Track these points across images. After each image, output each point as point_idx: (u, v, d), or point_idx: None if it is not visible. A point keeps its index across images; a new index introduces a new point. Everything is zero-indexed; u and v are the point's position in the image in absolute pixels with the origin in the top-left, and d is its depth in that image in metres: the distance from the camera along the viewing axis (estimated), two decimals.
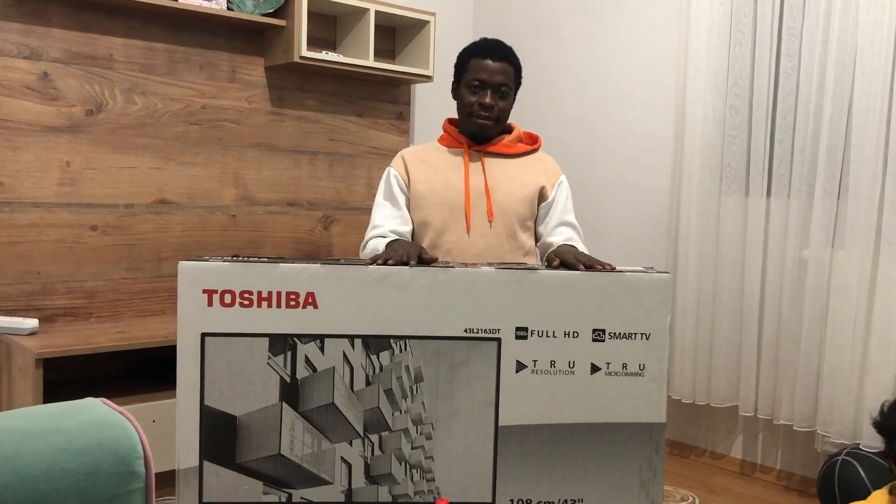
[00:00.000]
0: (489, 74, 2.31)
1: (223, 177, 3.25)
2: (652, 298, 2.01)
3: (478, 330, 2.01)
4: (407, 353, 2.01)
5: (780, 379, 2.96)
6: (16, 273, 2.77)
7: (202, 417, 1.93)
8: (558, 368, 2.03)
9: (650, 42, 3.42)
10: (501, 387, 2.01)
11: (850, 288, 2.74)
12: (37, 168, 2.79)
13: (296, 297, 1.95)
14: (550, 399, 2.03)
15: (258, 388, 1.96)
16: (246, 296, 1.93)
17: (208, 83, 3.18)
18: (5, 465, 1.01)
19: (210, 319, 1.92)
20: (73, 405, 1.19)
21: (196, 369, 1.92)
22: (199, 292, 1.92)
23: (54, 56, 2.81)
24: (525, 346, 2.02)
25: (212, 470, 1.94)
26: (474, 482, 2.03)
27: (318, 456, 1.99)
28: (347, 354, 2.00)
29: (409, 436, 2.02)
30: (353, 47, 3.44)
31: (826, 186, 2.80)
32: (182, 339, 1.92)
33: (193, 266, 1.90)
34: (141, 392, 2.74)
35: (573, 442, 2.04)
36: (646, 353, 2.04)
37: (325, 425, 1.99)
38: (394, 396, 2.03)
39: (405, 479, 2.01)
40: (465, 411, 2.02)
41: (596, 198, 3.62)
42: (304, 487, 1.98)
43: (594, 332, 2.03)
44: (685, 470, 3.20)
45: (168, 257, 3.12)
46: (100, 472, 1.09)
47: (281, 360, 1.97)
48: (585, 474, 2.04)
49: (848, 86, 2.75)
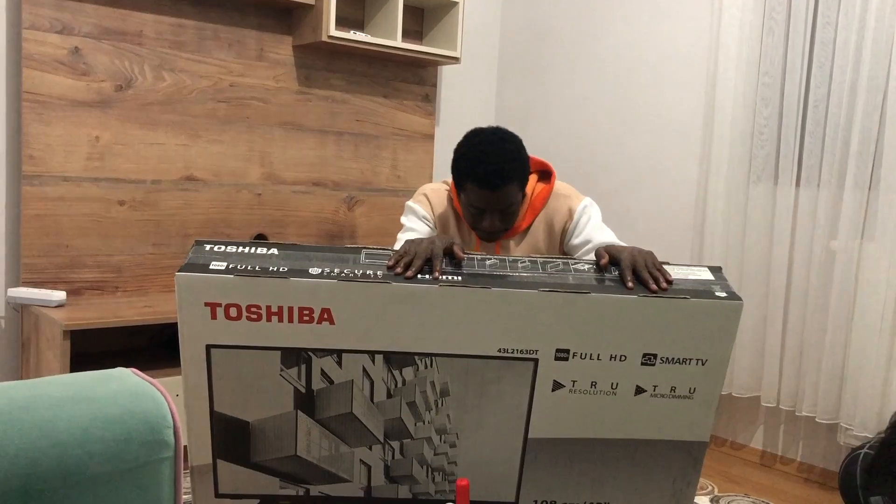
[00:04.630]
0: (491, 204, 1.99)
1: (250, 155, 3.26)
2: (717, 327, 1.75)
3: (513, 350, 1.78)
4: (433, 369, 1.81)
5: (804, 370, 2.94)
6: (45, 246, 2.80)
7: (213, 422, 1.78)
8: (599, 389, 1.81)
9: (681, 29, 3.38)
10: (535, 403, 1.81)
11: (879, 280, 2.71)
12: (66, 142, 2.82)
13: (310, 313, 1.72)
14: (587, 415, 1.83)
15: (271, 397, 1.79)
16: (253, 310, 1.71)
17: (237, 61, 3.19)
18: (41, 430, 1.03)
19: (215, 332, 1.72)
20: (105, 374, 1.20)
21: (203, 377, 1.75)
22: (202, 305, 1.71)
23: (86, 31, 2.82)
24: (565, 366, 1.79)
25: (226, 467, 1.82)
26: (498, 484, 1.87)
27: (336, 458, 1.85)
28: (367, 369, 1.80)
29: (433, 444, 1.86)
30: (381, 27, 3.43)
31: (857, 178, 2.76)
32: (185, 350, 1.73)
33: (192, 278, 1.67)
34: (165, 366, 2.77)
35: (608, 453, 1.85)
36: (699, 378, 1.81)
37: (343, 432, 1.83)
38: (417, 409, 1.85)
39: (426, 480, 1.86)
40: (492, 424, 1.84)
41: (623, 185, 3.60)
42: (321, 484, 1.85)
43: (644, 356, 1.80)
44: (705, 459, 3.19)
45: (194, 234, 3.14)
46: (131, 439, 1.11)
47: (295, 373, 1.79)
48: (615, 480, 1.87)
49: (883, 76, 2.71)
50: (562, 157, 3.79)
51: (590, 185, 3.71)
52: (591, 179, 3.71)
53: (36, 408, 1.06)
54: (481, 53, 4.07)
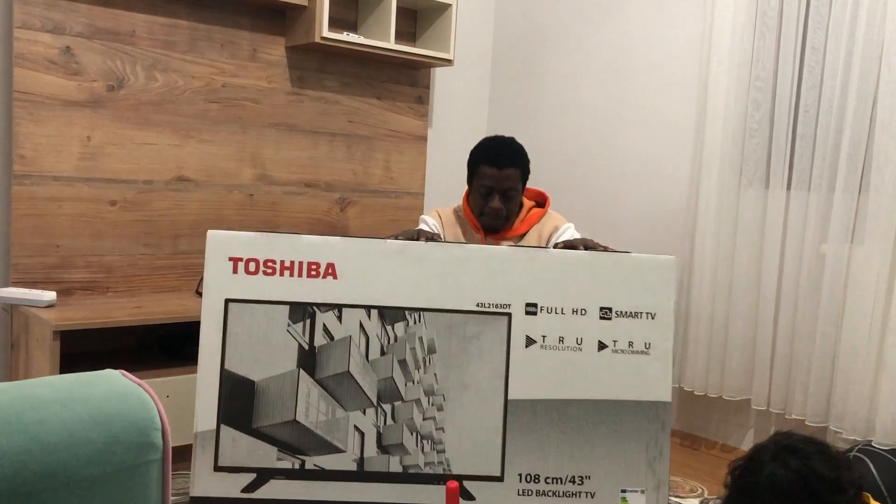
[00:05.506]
0: (497, 182, 2.54)
1: (242, 156, 3.26)
2: (657, 279, 2.15)
3: (489, 304, 2.14)
4: (421, 324, 2.14)
5: (794, 373, 2.95)
6: (35, 246, 2.79)
7: (222, 382, 2.05)
8: (567, 345, 2.15)
9: (674, 32, 3.39)
10: (511, 361, 2.13)
11: (868, 284, 2.72)
12: (58, 142, 2.81)
13: (317, 268, 2.09)
14: (559, 374, 2.14)
15: (277, 354, 2.08)
16: (269, 264, 2.07)
17: (229, 62, 3.18)
18: (28, 432, 1.02)
19: (234, 286, 2.06)
20: (93, 376, 1.20)
21: (218, 333, 2.05)
22: (226, 260, 2.07)
23: (77, 31, 2.81)
24: (535, 321, 2.15)
25: (228, 434, 2.04)
26: (483, 456, 2.11)
27: (332, 423, 2.09)
28: (364, 324, 2.12)
29: (421, 406, 2.13)
30: (374, 29, 3.43)
31: (847, 181, 2.77)
32: (206, 304, 2.05)
33: (221, 234, 2.06)
34: (155, 367, 2.76)
35: (581, 418, 2.13)
36: (651, 332, 2.16)
37: (340, 393, 2.10)
38: (407, 367, 2.14)
39: (416, 450, 2.09)
40: (475, 384, 2.13)
41: (615, 187, 3.61)
42: (317, 455, 2.06)
43: (601, 309, 2.17)
44: (695, 461, 3.20)
45: (185, 234, 3.13)
46: (119, 441, 1.11)
47: (300, 328, 2.10)
48: (593, 452, 2.12)
49: (873, 81, 2.72)
50: (553, 159, 3.79)
51: (581, 186, 3.72)
52: (583, 181, 3.72)
53: (23, 410, 1.05)
54: (474, 55, 4.07)
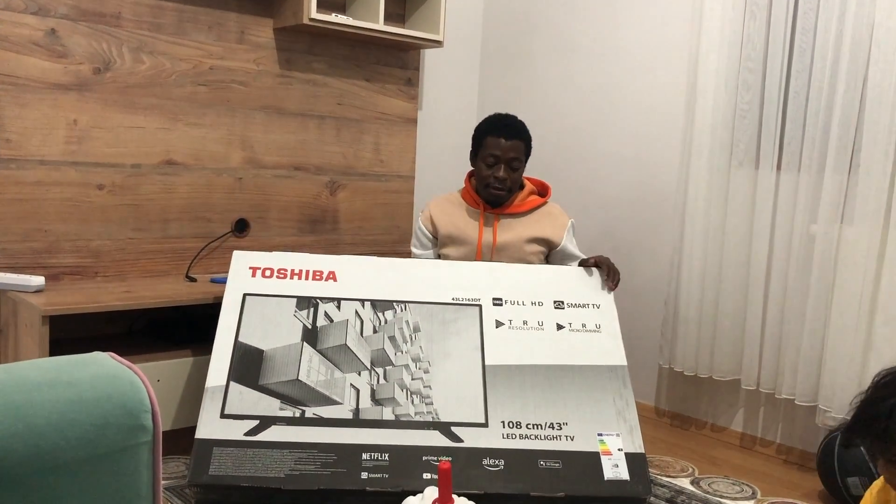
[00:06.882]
0: (503, 151, 2.76)
1: (230, 139, 3.23)
2: (597, 282, 2.72)
3: (463, 299, 2.59)
4: (407, 312, 2.55)
5: (784, 353, 2.97)
6: (22, 231, 2.77)
7: (234, 349, 2.38)
8: (530, 326, 2.55)
9: (664, 13, 3.38)
10: (485, 337, 2.51)
11: (857, 264, 2.73)
12: (44, 125, 2.78)
13: (320, 274, 2.60)
14: (527, 346, 2.51)
15: (284, 331, 2.44)
16: (282, 272, 2.58)
17: (217, 44, 3.15)
18: (15, 414, 1.02)
19: (252, 285, 2.54)
20: (82, 358, 1.19)
21: (235, 317, 2.44)
22: (247, 269, 2.57)
23: (62, 12, 2.78)
24: (501, 310, 2.58)
25: (236, 388, 2.30)
26: (468, 407, 2.35)
27: (331, 382, 2.36)
28: (359, 312, 2.53)
29: (410, 370, 2.42)
30: (363, 10, 3.40)
31: (837, 162, 2.78)
32: (227, 299, 2.48)
33: (244, 254, 2.62)
34: (145, 352, 2.75)
35: (551, 377, 2.44)
36: (600, 318, 2.61)
37: (338, 359, 2.41)
38: (396, 341, 2.48)
39: (406, 402, 2.35)
40: (456, 353, 2.46)
41: (603, 169, 3.60)
42: (316, 406, 2.30)
43: (555, 302, 2.63)
44: (685, 441, 3.22)
45: (174, 218, 3.11)
46: (108, 424, 1.10)
47: (305, 314, 2.49)
48: (566, 404, 2.39)
49: (863, 62, 2.72)
50: (544, 140, 3.78)
51: (571, 167, 3.71)
52: (573, 162, 3.71)
53: (11, 391, 1.04)
54: (464, 37, 4.05)
